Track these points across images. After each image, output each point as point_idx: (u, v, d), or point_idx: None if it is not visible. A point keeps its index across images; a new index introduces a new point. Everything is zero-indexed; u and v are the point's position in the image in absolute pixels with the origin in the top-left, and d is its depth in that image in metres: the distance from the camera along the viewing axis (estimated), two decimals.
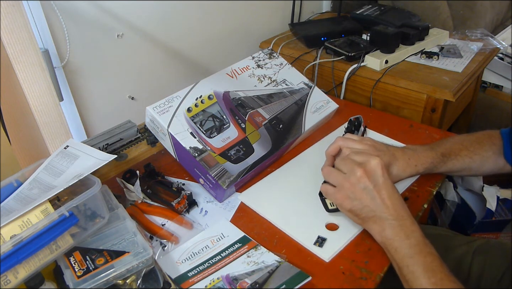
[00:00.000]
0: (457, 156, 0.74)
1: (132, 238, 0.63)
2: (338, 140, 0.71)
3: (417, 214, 0.71)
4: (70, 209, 0.58)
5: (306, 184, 0.77)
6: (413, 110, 1.10)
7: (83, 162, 0.67)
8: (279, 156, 0.86)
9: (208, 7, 1.20)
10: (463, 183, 1.23)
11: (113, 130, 0.89)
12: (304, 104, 0.91)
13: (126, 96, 1.10)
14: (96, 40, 0.97)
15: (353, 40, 1.22)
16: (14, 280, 0.54)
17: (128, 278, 0.58)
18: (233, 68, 0.91)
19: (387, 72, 1.11)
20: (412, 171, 0.72)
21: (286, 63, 0.98)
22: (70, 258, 0.59)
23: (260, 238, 0.68)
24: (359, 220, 0.63)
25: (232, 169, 0.75)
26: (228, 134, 0.79)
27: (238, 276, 0.61)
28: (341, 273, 0.62)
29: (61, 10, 0.87)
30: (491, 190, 1.16)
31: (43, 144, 0.86)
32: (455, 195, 1.23)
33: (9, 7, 0.72)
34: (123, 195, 0.77)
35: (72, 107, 0.97)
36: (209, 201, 0.78)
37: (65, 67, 0.93)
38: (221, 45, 1.30)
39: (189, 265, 0.64)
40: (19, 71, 0.77)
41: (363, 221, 0.63)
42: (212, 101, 0.82)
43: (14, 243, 0.53)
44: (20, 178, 0.67)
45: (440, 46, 1.22)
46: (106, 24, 0.98)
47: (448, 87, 1.03)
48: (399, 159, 0.71)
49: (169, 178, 0.83)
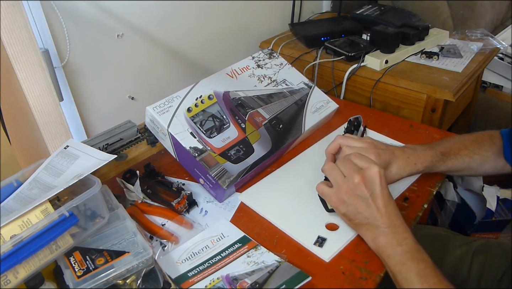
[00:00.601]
0: (456, 155, 0.74)
1: (132, 238, 0.63)
2: (338, 139, 0.71)
3: (417, 214, 0.71)
4: (70, 209, 0.58)
5: (306, 184, 0.77)
6: (413, 110, 1.10)
7: (83, 162, 0.67)
8: (279, 156, 0.86)
9: (208, 7, 1.20)
10: (463, 183, 1.23)
11: (113, 130, 0.89)
12: (304, 104, 0.91)
13: (126, 96, 1.10)
14: (96, 40, 0.97)
15: (353, 40, 1.22)
16: (14, 280, 0.54)
17: (128, 278, 0.58)
18: (233, 68, 0.91)
19: (387, 72, 1.11)
20: (412, 169, 0.72)
21: (286, 63, 0.98)
22: (70, 258, 0.59)
23: (260, 238, 0.68)
24: (352, 225, 0.64)
25: (232, 169, 0.75)
26: (228, 134, 0.79)
27: (238, 276, 0.61)
28: (341, 273, 0.62)
29: (61, 10, 0.87)
30: (491, 190, 1.16)
31: (43, 144, 0.86)
32: (455, 195, 1.23)
33: (9, 7, 0.72)
34: (123, 195, 0.77)
35: (72, 107, 0.97)
36: (209, 201, 0.78)
37: (65, 67, 0.93)
38: (221, 45, 1.30)
39: (189, 265, 0.64)
40: (19, 71, 0.77)
41: (356, 226, 0.63)
42: (212, 101, 0.82)
43: (14, 243, 0.53)
44: (20, 178, 0.67)
45: (440, 46, 1.22)
46: (106, 24, 0.98)
47: (448, 87, 1.03)
48: (398, 157, 0.71)
49: (169, 178, 0.83)
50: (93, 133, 1.03)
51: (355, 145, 0.69)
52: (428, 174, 0.78)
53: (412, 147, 0.74)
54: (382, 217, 0.60)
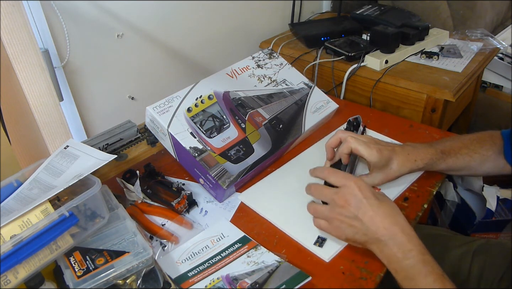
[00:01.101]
0: (457, 154, 0.74)
1: (132, 238, 0.63)
2: (339, 133, 0.73)
3: (417, 214, 0.71)
4: (70, 209, 0.58)
5: (306, 184, 0.77)
6: (413, 110, 1.10)
7: (83, 162, 0.67)
8: (279, 156, 0.86)
9: (208, 7, 1.20)
10: (463, 183, 1.23)
11: (113, 130, 0.89)
12: (304, 104, 0.91)
13: (126, 96, 1.10)
14: (96, 40, 0.97)
15: (353, 40, 1.22)
16: (14, 280, 0.54)
17: (128, 278, 0.58)
18: (233, 68, 0.91)
19: (387, 72, 1.11)
20: (412, 166, 0.72)
21: (286, 63, 0.98)
22: (70, 258, 0.59)
23: (260, 238, 0.68)
24: (359, 245, 0.62)
25: (232, 169, 0.75)
26: (228, 134, 0.79)
27: (238, 276, 0.61)
28: (341, 273, 0.62)
29: (61, 10, 0.87)
30: (491, 190, 1.16)
31: (43, 144, 0.86)
32: (455, 195, 1.23)
33: (9, 7, 0.72)
34: (123, 195, 0.77)
35: (72, 107, 0.97)
36: (209, 201, 0.78)
37: (65, 67, 0.93)
38: (221, 45, 1.30)
39: (189, 265, 0.64)
40: (19, 71, 0.77)
41: (363, 245, 0.62)
42: (212, 101, 0.82)
43: (14, 243, 0.53)
44: (20, 178, 0.67)
45: (440, 46, 1.22)
46: (106, 24, 0.98)
47: (448, 87, 1.03)
48: (399, 154, 0.71)
49: (169, 178, 0.83)
50: (93, 133, 1.03)
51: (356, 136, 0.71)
52: (428, 174, 0.78)
53: (412, 145, 0.75)
54: (378, 229, 0.58)
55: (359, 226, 0.60)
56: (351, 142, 0.71)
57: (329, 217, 0.62)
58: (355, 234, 0.61)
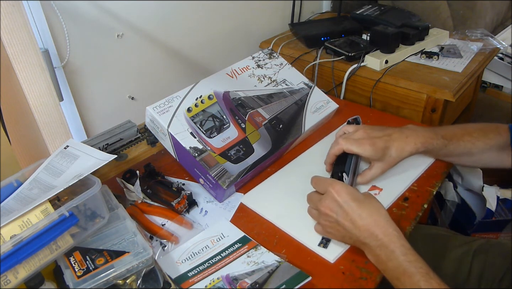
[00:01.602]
0: (459, 140, 0.74)
1: (132, 238, 0.63)
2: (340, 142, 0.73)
3: (417, 214, 0.71)
4: (70, 209, 0.58)
5: (308, 184, 0.76)
6: (413, 110, 1.10)
7: (83, 162, 0.67)
8: (279, 156, 0.86)
9: (208, 7, 1.20)
10: (463, 182, 1.23)
11: (113, 130, 0.89)
12: (304, 104, 0.91)
13: (126, 96, 1.10)
14: (96, 40, 0.97)
15: (353, 40, 1.22)
16: (14, 280, 0.54)
17: (128, 278, 0.58)
18: (233, 68, 0.91)
19: (387, 72, 1.11)
20: (411, 149, 0.72)
21: (286, 63, 0.98)
22: (70, 258, 0.59)
23: (260, 238, 0.68)
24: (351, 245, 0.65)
25: (232, 169, 0.75)
26: (228, 134, 0.79)
27: (238, 276, 0.61)
28: (341, 273, 0.62)
29: (61, 10, 0.87)
30: (491, 190, 1.16)
31: (43, 144, 0.86)
32: (455, 195, 1.23)
33: (9, 7, 0.72)
34: (123, 195, 0.77)
35: (72, 107, 0.97)
36: (209, 201, 0.78)
37: (65, 67, 0.93)
38: (221, 45, 1.30)
39: (189, 265, 0.64)
40: (19, 71, 0.77)
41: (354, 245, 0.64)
42: (212, 101, 0.82)
43: (14, 243, 0.53)
44: (20, 178, 0.67)
45: (440, 46, 1.22)
46: (106, 24, 0.98)
47: (448, 87, 1.03)
48: (396, 139, 0.71)
49: (169, 178, 0.83)
50: (93, 133, 1.03)
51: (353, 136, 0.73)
52: (428, 174, 0.78)
53: (412, 128, 0.75)
54: (360, 231, 0.59)
55: (343, 231, 0.61)
56: (342, 144, 0.72)
57: (320, 223, 0.65)
58: (343, 237, 0.63)
